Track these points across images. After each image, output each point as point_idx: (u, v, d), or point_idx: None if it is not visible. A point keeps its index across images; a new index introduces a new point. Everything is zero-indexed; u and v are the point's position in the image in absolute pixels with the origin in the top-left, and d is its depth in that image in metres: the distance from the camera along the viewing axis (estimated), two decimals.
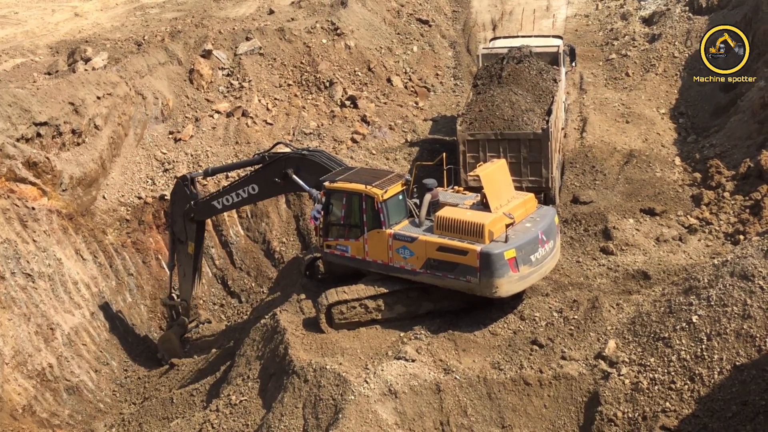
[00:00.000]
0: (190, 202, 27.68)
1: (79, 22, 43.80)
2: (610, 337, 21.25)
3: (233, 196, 26.82)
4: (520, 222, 22.60)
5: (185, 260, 28.82)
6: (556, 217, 23.57)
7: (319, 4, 43.69)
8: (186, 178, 27.93)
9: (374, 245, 23.32)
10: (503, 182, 23.26)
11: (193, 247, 28.36)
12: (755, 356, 18.81)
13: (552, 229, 23.02)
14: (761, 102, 32.99)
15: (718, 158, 31.62)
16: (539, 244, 22.25)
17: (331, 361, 21.59)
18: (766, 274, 19.69)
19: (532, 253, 22.05)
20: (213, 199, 27.34)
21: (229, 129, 35.77)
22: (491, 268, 21.52)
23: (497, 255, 21.46)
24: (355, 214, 23.59)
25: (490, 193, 22.49)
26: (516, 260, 21.64)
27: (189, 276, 28.96)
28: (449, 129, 35.38)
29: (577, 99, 37.98)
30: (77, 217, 31.37)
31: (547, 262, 22.85)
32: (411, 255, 22.71)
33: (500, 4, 48.83)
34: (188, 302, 29.43)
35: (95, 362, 29.09)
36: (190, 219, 27.93)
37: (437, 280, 22.49)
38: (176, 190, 28.36)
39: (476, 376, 20.94)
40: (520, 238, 21.93)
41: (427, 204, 23.13)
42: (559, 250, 23.96)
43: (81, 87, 33.60)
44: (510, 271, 21.66)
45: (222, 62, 38.59)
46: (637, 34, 42.80)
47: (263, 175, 26.11)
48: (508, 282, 21.82)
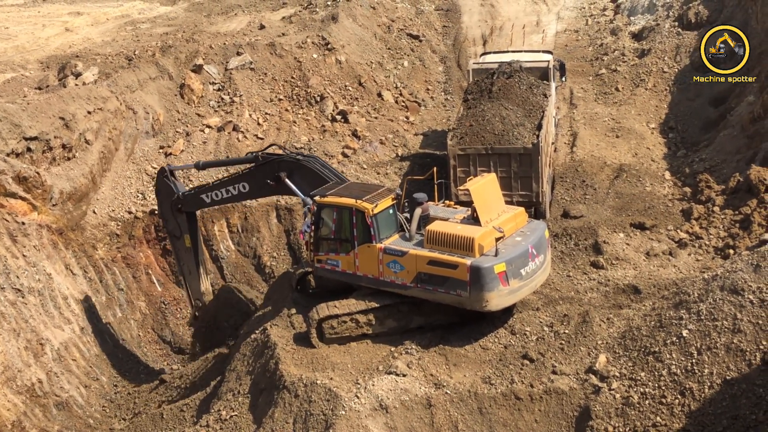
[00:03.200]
0: (177, 194, 27.39)
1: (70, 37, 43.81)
2: (601, 352, 21.25)
3: (222, 192, 26.55)
4: (510, 236, 22.60)
5: (186, 256, 28.48)
6: (546, 231, 23.52)
7: (310, 19, 43.80)
8: (164, 171, 27.68)
9: (365, 260, 23.31)
10: (493, 196, 23.26)
11: (190, 240, 28.03)
12: (745, 370, 18.83)
13: (542, 243, 23.00)
14: (750, 116, 33.14)
15: (708, 173, 31.73)
16: (529, 258, 22.22)
17: (322, 376, 21.54)
18: (756, 288, 19.74)
19: (522, 267, 22.02)
20: (202, 192, 27.09)
21: (219, 143, 35.78)
22: (481, 281, 21.48)
23: (487, 269, 21.42)
24: (345, 229, 23.56)
25: (480, 207, 22.52)
26: (506, 274, 21.61)
27: (194, 272, 28.65)
28: (440, 143, 35.45)
29: (567, 114, 38.11)
30: (67, 231, 31.30)
31: (538, 276, 22.82)
32: (401, 269, 22.70)
33: (490, 19, 49.01)
34: (202, 300, 29.00)
35: (85, 378, 28.97)
36: (178, 210, 27.59)
37: (427, 294, 22.47)
38: (159, 186, 28.07)
39: (467, 390, 20.91)
40: (510, 252, 21.91)
41: (418, 218, 23.14)
42: (550, 264, 23.95)
43: (71, 102, 33.59)
44: (500, 285, 21.62)
45: (213, 77, 38.62)
46: (627, 49, 42.98)
47: (255, 174, 25.91)
48: (498, 296, 21.78)
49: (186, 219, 27.86)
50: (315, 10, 45.43)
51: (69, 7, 50.44)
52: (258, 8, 49.59)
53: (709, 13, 42.13)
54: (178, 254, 28.84)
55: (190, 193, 27.41)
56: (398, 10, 47.66)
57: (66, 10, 49.71)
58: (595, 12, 49.24)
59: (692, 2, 43.55)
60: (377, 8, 46.63)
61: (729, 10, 40.72)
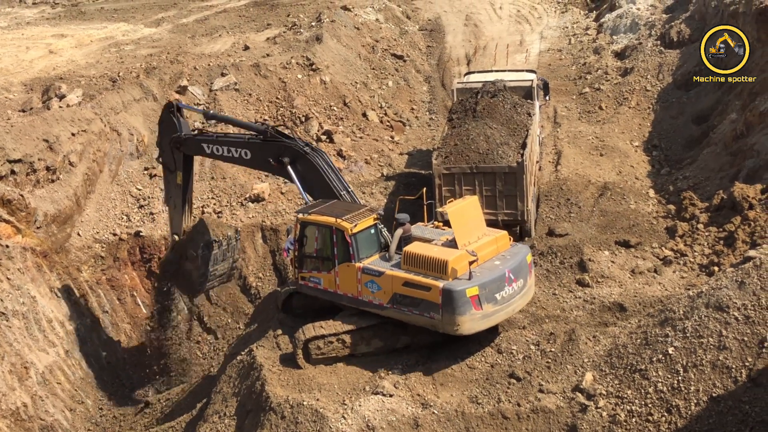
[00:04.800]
0: (179, 134, 27.14)
1: (54, 59, 43.73)
2: (587, 370, 21.25)
3: (224, 150, 26.25)
4: (489, 260, 22.50)
5: (175, 191, 28.16)
6: (529, 255, 23.34)
7: (295, 40, 43.89)
8: (172, 106, 27.52)
9: (344, 278, 23.35)
10: (473, 219, 23.11)
11: (181, 178, 27.72)
12: (731, 387, 18.87)
13: (522, 267, 22.79)
14: (733, 134, 33.34)
15: (692, 190, 31.87)
16: (506, 283, 22.02)
17: (309, 397, 21.46)
18: (741, 305, 19.81)
19: (497, 291, 21.83)
20: (204, 141, 26.86)
21: (204, 164, 35.72)
22: (453, 305, 21.37)
23: (459, 292, 21.31)
24: (326, 247, 23.64)
25: (458, 230, 22.43)
26: (479, 298, 21.46)
27: (179, 208, 28.30)
28: (425, 163, 35.51)
29: (551, 132, 38.25)
30: (51, 254, 31.16)
31: (516, 301, 22.60)
32: (378, 289, 22.73)
33: (474, 39, 49.23)
34: (179, 235, 28.62)
35: (70, 401, 28.80)
36: (177, 148, 27.35)
37: (403, 315, 22.45)
38: (163, 118, 27.87)
39: (454, 410, 20.87)
40: (485, 276, 21.78)
41: (398, 239, 23.15)
42: (533, 288, 23.78)
43: (55, 124, 33.54)
44: (472, 309, 21.48)
45: (197, 98, 38.62)
46: (610, 68, 43.23)
47: (261, 148, 25.61)
48: (471, 320, 21.62)
49: (183, 159, 27.57)
50: (299, 31, 45.52)
51: (53, 30, 50.37)
52: (242, 29, 49.64)
53: (691, 31, 42.44)
54: (168, 186, 28.58)
55: (193, 137, 27.17)
56: (382, 30, 47.82)
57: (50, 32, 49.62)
58: (578, 31, 49.53)
59: (674, 21, 43.88)
60: (361, 29, 46.78)
61: (710, 28, 40.95)
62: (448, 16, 51.90)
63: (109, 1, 60.65)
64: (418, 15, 51.69)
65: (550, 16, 52.64)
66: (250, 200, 34.45)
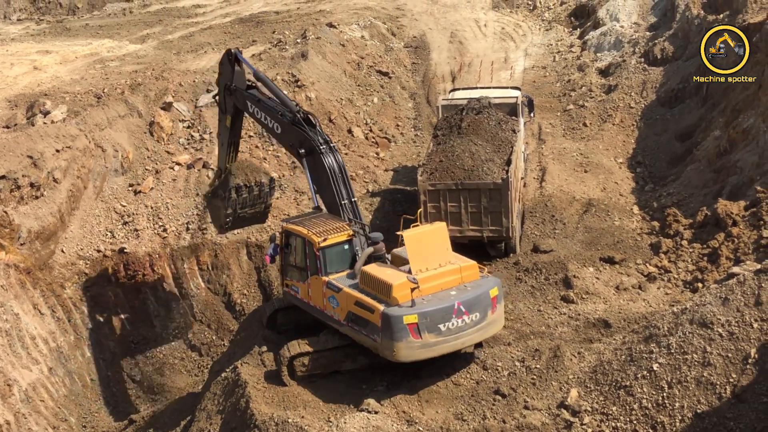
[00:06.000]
0: (230, 83, 27.68)
1: (38, 75, 43.62)
2: (573, 386, 21.27)
3: (262, 115, 26.74)
4: (445, 289, 22.10)
5: (223, 131, 28.92)
6: (494, 289, 22.68)
7: (280, 56, 43.89)
8: (231, 53, 27.98)
9: (314, 290, 23.69)
10: (435, 246, 22.63)
11: (230, 121, 28.37)
12: (716, 404, 18.92)
13: (480, 301, 22.20)
14: (716, 151, 33.52)
15: (676, 207, 32.00)
16: (453, 315, 21.63)
17: (293, 415, 21.39)
18: (725, 321, 19.88)
19: (441, 322, 21.49)
20: (249, 99, 27.21)
21: (189, 181, 35.66)
22: (390, 330, 21.30)
23: (396, 318, 21.22)
24: (302, 258, 24.09)
25: (413, 256, 22.22)
26: (418, 327, 21.28)
27: (225, 146, 28.95)
28: (410, 179, 35.55)
29: (536, 149, 38.36)
30: (35, 271, 31.02)
31: (469, 335, 22.09)
32: (337, 305, 22.90)
33: (459, 56, 49.36)
34: (222, 170, 29.09)
35: (53, 419, 28.62)
36: (228, 93, 27.90)
37: (355, 334, 22.52)
38: (222, 62, 28.45)
39: (439, 427, 20.85)
40: (429, 305, 21.57)
41: (365, 257, 23.20)
42: (498, 323, 23.03)
43: (40, 140, 33.42)
44: (410, 337, 21.31)
45: (183, 114, 38.56)
46: (594, 85, 43.42)
47: (287, 130, 26.04)
48: (408, 347, 21.45)
49: (233, 105, 28.05)
50: (285, 48, 45.53)
51: (37, 46, 50.23)
52: (228, 46, 49.59)
53: (674, 49, 42.71)
54: (219, 124, 29.47)
55: (242, 91, 27.49)
56: (368, 47, 47.91)
57: (34, 48, 49.49)
58: (562, 49, 49.72)
59: (658, 39, 44.15)
60: (347, 45, 46.85)
61: (694, 46, 41.28)
62: (433, 34, 52.02)
63: (94, 17, 60.59)
64: (403, 32, 51.74)
65: (535, 34, 52.83)
66: None
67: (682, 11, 44.45)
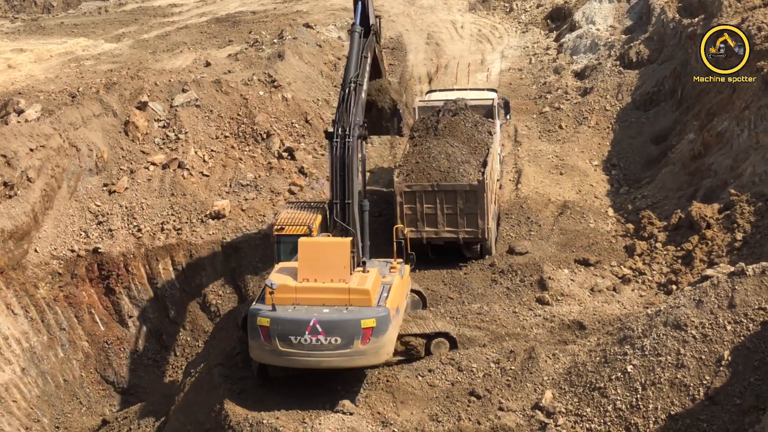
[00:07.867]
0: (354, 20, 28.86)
1: (13, 73, 43.32)
2: (547, 388, 21.35)
3: None
4: (318, 305, 21.88)
5: None
6: (369, 321, 21.75)
7: (256, 56, 43.81)
8: None
9: None
10: (329, 260, 22.28)
11: None
12: (689, 405, 19.03)
13: (342, 327, 21.64)
14: (691, 154, 33.72)
15: (650, 209, 32.16)
16: (306, 331, 21.47)
17: (268, 416, 21.35)
18: (699, 323, 20.01)
19: (293, 334, 21.49)
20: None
21: (164, 181, 35.49)
22: (248, 327, 22.22)
23: (252, 317, 21.94)
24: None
25: (302, 263, 22.30)
26: (269, 331, 21.56)
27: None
28: (386, 181, 35.53)
29: (511, 151, 38.47)
30: (8, 271, 30.77)
31: (326, 357, 21.71)
32: None
33: (435, 57, 49.46)
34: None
35: (26, 419, 28.42)
36: None
37: None
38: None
39: (414, 428, 20.86)
40: (286, 314, 21.71)
41: None
42: (375, 356, 22.07)
43: (13, 139, 33.15)
44: (261, 338, 21.75)
45: (158, 114, 38.37)
46: (570, 87, 43.59)
47: None
48: (259, 348, 21.96)
49: None
50: (261, 48, 45.43)
51: (12, 44, 49.92)
52: (204, 45, 49.46)
53: (649, 52, 42.96)
54: None
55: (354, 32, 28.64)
56: (344, 48, 47.78)
57: (9, 46, 49.17)
58: (538, 51, 49.92)
59: (633, 42, 44.40)
60: (323, 46, 46.84)
61: (669, 49, 41.55)
62: (410, 35, 52.13)
63: (69, 16, 60.29)
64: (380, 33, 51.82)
65: (511, 36, 53.04)
66: (210, 217, 34.20)
67: (658, 15, 44.76)
